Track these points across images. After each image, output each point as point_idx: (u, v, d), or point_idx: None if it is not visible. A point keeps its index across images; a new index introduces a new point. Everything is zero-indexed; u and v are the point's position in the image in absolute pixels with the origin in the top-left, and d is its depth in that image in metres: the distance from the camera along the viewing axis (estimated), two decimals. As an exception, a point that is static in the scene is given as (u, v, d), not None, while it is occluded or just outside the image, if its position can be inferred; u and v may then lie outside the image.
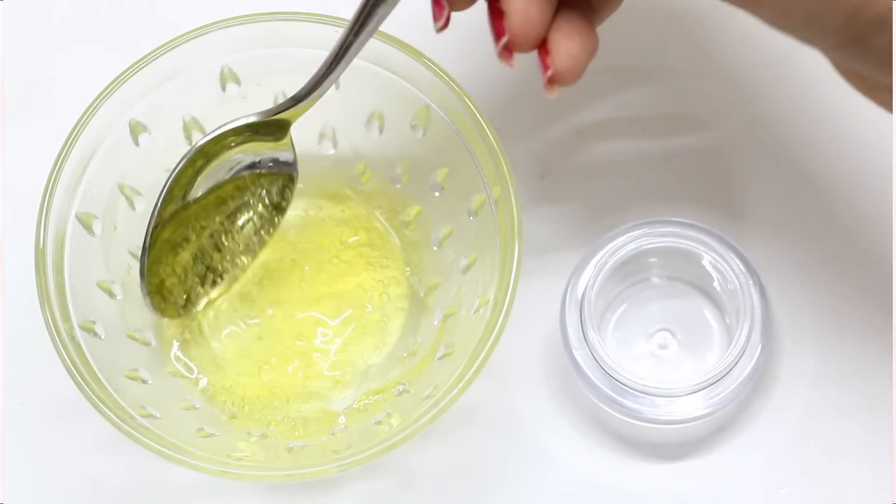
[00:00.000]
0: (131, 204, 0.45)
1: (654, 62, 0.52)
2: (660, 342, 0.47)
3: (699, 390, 0.43)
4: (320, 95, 0.41)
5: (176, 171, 0.43)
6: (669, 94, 0.51)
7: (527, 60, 0.53)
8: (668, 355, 0.46)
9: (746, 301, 0.44)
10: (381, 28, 0.43)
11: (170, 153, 0.46)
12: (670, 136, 0.50)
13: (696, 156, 0.50)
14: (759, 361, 0.44)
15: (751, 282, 0.44)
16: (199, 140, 0.43)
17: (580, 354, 0.44)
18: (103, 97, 0.43)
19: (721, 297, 0.46)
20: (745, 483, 0.46)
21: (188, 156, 0.43)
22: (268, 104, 0.46)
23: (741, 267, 0.44)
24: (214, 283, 0.46)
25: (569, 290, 0.45)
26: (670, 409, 0.44)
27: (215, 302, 0.47)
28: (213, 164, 0.43)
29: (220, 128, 0.42)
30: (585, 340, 0.44)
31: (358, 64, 0.44)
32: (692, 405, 0.44)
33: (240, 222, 0.46)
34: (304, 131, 0.47)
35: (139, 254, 0.44)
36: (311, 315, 0.47)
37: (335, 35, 0.43)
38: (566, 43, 0.36)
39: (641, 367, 0.46)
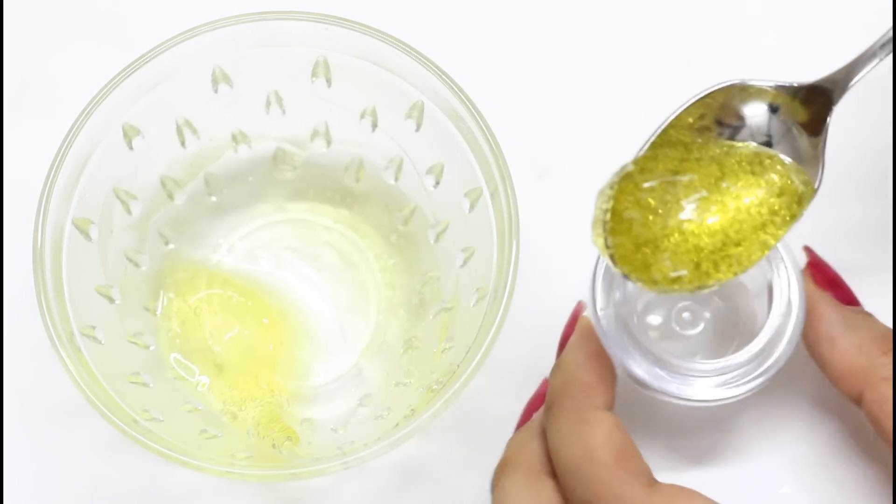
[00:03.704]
0: (127, 208, 0.45)
1: (655, 61, 0.52)
2: (686, 318, 0.46)
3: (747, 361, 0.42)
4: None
5: (690, 103, 0.40)
6: (669, 93, 0.51)
7: (526, 61, 0.53)
8: (693, 332, 0.46)
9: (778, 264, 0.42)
10: (375, 24, 0.43)
11: (163, 156, 0.46)
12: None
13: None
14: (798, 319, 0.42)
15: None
16: (724, 83, 0.39)
17: (604, 314, 0.42)
18: (96, 102, 0.43)
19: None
20: (744, 483, 0.46)
21: (704, 94, 0.40)
22: (260, 105, 0.46)
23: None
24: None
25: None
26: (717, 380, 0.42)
27: (216, 302, 0.47)
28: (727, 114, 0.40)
29: (751, 80, 0.40)
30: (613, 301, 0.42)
31: (350, 60, 0.44)
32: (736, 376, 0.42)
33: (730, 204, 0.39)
34: (298, 129, 0.47)
35: (135, 257, 0.44)
36: (311, 315, 0.47)
37: (327, 34, 0.43)
38: None
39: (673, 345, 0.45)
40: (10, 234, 0.49)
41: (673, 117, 0.40)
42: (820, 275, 0.43)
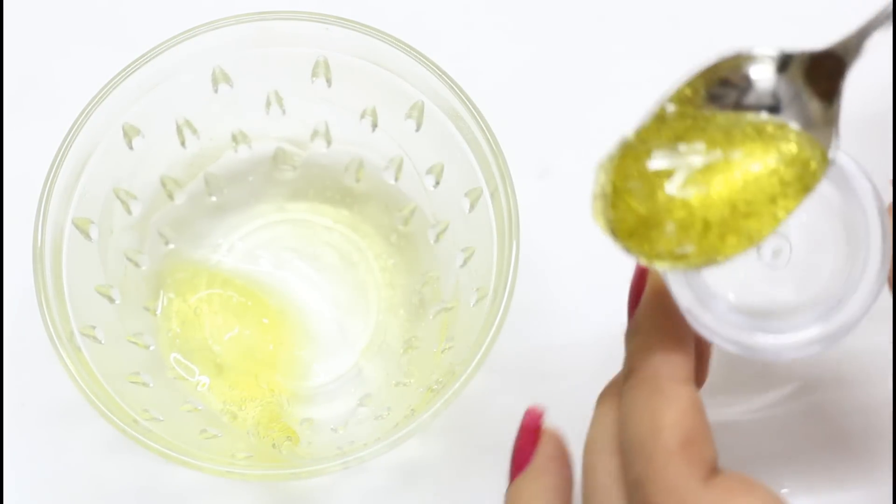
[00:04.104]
0: (127, 208, 0.45)
1: (655, 61, 0.52)
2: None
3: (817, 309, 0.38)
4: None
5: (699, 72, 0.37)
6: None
7: (526, 61, 0.53)
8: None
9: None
10: (375, 24, 0.43)
11: (163, 156, 0.46)
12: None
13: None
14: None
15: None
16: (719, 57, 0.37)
17: None
18: (96, 102, 0.43)
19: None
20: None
21: (710, 64, 0.37)
22: (260, 105, 0.46)
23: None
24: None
25: None
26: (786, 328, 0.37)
27: (216, 302, 0.47)
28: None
29: (758, 49, 0.37)
30: None
31: (350, 60, 0.44)
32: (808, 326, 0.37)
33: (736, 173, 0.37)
34: (298, 129, 0.47)
35: (135, 257, 0.43)
36: (311, 315, 0.47)
37: (326, 33, 0.43)
38: None
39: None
40: (10, 234, 0.49)
41: (676, 88, 0.37)
42: None
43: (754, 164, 0.36)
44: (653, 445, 0.35)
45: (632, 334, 0.38)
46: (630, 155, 0.36)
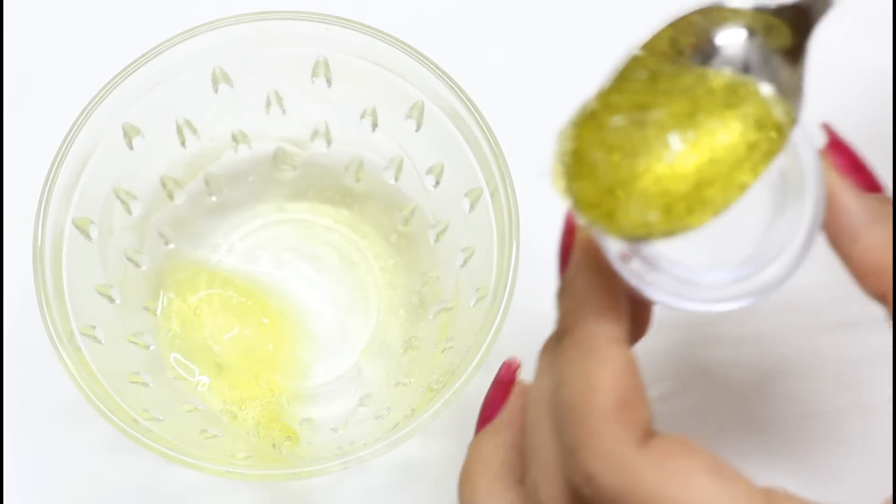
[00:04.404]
0: (127, 208, 0.45)
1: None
2: None
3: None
4: None
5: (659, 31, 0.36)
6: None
7: (526, 61, 0.53)
8: None
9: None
10: (375, 24, 0.43)
11: (163, 156, 0.46)
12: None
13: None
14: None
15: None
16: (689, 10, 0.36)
17: None
18: (96, 102, 0.43)
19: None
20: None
21: (675, 19, 0.36)
22: (260, 105, 0.46)
23: None
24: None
25: None
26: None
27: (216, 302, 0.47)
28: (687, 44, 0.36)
29: (724, 2, 0.36)
30: None
31: (350, 60, 0.44)
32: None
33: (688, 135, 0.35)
34: (298, 129, 0.47)
35: (135, 257, 0.43)
36: (311, 315, 0.47)
37: (326, 33, 0.43)
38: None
39: None
40: (10, 234, 0.49)
41: (641, 44, 0.36)
42: (840, 157, 0.37)
43: (721, 130, 0.35)
44: (587, 409, 0.34)
45: (563, 294, 0.36)
46: (592, 122, 0.35)
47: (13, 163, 0.50)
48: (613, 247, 0.35)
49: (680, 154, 0.34)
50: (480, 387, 0.45)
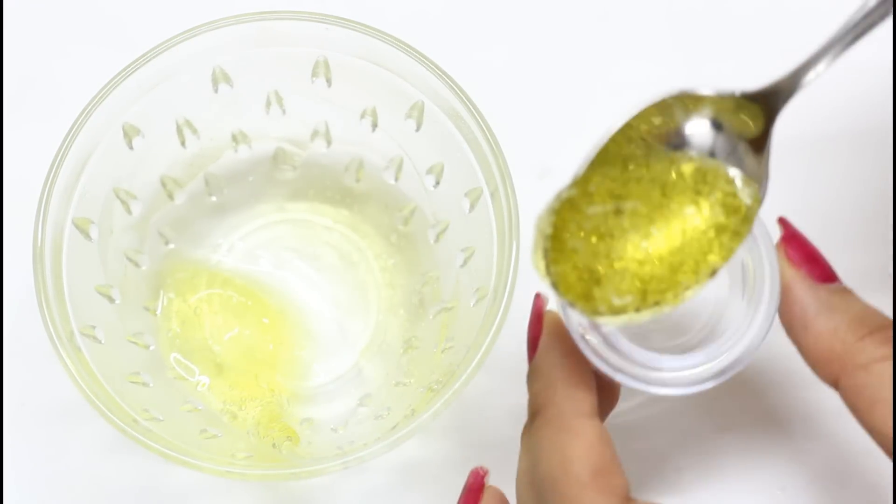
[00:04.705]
0: (127, 208, 0.45)
1: (655, 61, 0.52)
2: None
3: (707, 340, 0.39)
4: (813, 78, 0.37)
5: (628, 120, 0.38)
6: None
7: (526, 61, 0.53)
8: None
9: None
10: (375, 24, 0.43)
11: (163, 156, 0.46)
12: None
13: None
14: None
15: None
16: (662, 95, 0.37)
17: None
18: (96, 102, 0.43)
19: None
20: (744, 483, 0.46)
21: (647, 104, 0.38)
22: (260, 105, 0.46)
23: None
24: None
25: None
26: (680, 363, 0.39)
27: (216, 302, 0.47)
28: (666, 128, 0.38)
29: (694, 89, 0.37)
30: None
31: (350, 60, 0.44)
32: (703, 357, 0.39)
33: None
34: (298, 129, 0.47)
35: (135, 257, 0.43)
36: (311, 315, 0.47)
37: (326, 33, 0.43)
38: None
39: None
40: (10, 234, 0.49)
41: (612, 133, 0.38)
42: (795, 249, 0.39)
43: (691, 215, 0.37)
44: (565, 480, 0.36)
45: (533, 377, 0.39)
46: (570, 209, 0.37)
47: (13, 163, 0.50)
48: (580, 331, 0.38)
49: (653, 240, 0.37)
50: (480, 387, 0.45)
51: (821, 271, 0.39)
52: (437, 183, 0.46)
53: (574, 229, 0.37)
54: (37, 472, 0.47)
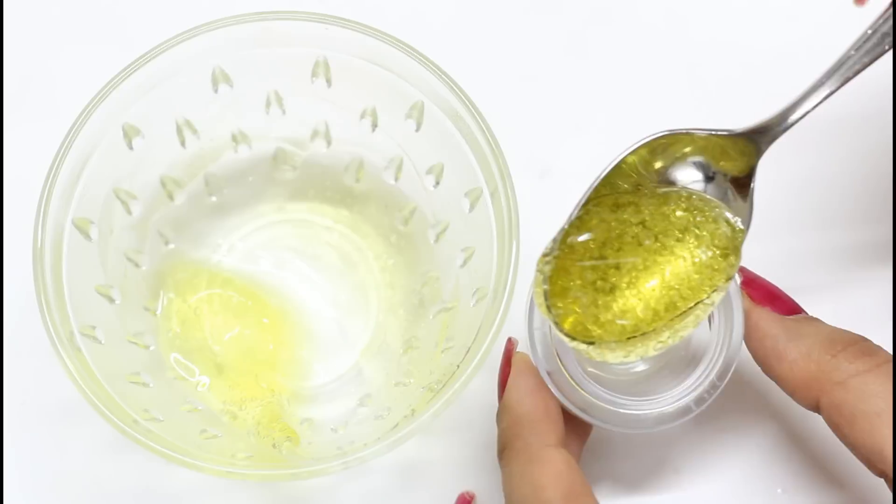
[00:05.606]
0: (127, 208, 0.45)
1: (654, 61, 0.52)
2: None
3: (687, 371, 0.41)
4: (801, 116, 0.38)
5: (618, 160, 0.39)
6: (669, 93, 0.51)
7: (526, 61, 0.53)
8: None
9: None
10: (375, 24, 0.43)
11: (163, 156, 0.46)
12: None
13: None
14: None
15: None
16: (653, 135, 0.39)
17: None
18: (96, 102, 0.43)
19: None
20: (744, 483, 0.46)
21: (638, 145, 0.39)
22: (260, 105, 0.46)
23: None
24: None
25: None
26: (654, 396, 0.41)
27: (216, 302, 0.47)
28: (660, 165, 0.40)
29: (674, 130, 0.39)
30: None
31: (350, 60, 0.44)
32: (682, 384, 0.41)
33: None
34: (298, 129, 0.47)
35: (135, 257, 0.43)
36: (311, 315, 0.47)
37: (326, 33, 0.43)
38: None
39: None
40: (10, 234, 0.49)
41: (605, 173, 0.40)
42: (756, 291, 0.41)
43: (684, 258, 0.39)
44: None
45: (501, 414, 0.41)
46: (568, 252, 0.39)
47: (13, 163, 0.50)
48: (547, 368, 0.40)
49: (648, 286, 0.39)
50: (480, 387, 0.45)
51: (786, 305, 0.41)
52: (437, 183, 0.46)
53: (572, 273, 0.39)
54: (37, 472, 0.47)
